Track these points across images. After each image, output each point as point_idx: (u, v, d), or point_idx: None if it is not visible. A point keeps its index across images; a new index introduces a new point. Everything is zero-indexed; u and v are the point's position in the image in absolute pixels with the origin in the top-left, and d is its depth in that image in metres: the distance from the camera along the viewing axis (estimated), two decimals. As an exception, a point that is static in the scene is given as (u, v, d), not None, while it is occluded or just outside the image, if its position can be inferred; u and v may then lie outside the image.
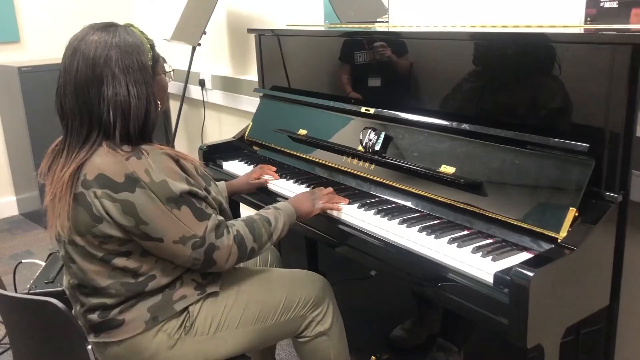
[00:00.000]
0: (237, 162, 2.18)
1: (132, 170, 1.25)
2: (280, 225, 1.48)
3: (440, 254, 1.33)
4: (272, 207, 1.53)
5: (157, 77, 1.38)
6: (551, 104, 1.40)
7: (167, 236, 1.28)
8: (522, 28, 1.58)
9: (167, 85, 1.45)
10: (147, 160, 1.26)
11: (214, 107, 3.47)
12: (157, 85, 1.38)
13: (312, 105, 2.07)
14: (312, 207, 1.60)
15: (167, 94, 1.45)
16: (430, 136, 1.63)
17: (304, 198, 1.62)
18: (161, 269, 1.36)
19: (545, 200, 1.32)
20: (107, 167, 1.25)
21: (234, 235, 1.36)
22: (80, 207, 1.27)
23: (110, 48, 1.27)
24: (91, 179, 1.26)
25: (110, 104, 1.27)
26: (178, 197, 1.27)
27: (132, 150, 1.27)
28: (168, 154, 1.31)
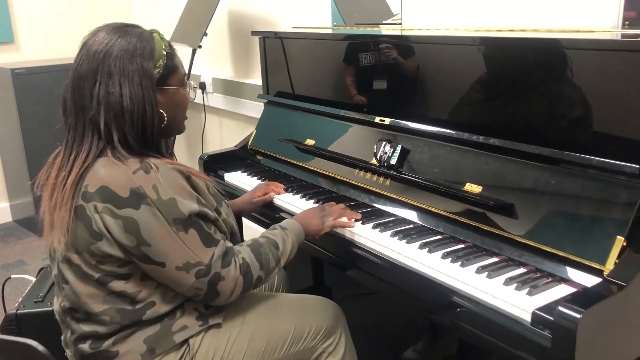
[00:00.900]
0: (239, 172, 2.04)
1: (138, 184, 1.14)
2: (288, 248, 1.35)
3: (468, 286, 1.19)
4: (278, 228, 1.40)
5: (168, 88, 1.26)
6: (591, 118, 1.26)
7: (170, 261, 1.16)
8: (556, 33, 1.44)
9: (183, 100, 1.33)
10: (156, 175, 1.15)
11: (215, 111, 3.33)
12: (165, 97, 1.26)
13: (320, 114, 1.93)
14: (321, 224, 1.46)
15: (183, 110, 1.34)
16: (452, 150, 1.48)
17: (312, 214, 1.48)
18: (161, 296, 1.23)
19: (587, 227, 1.18)
20: (112, 180, 1.15)
21: (240, 264, 1.24)
22: (79, 221, 1.17)
23: (114, 45, 1.20)
24: (93, 191, 1.15)
25: (102, 103, 1.18)
26: (186, 218, 1.16)
27: (139, 163, 1.16)
28: (179, 169, 1.20)
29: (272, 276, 1.32)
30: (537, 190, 1.28)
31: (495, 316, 1.13)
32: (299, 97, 2.10)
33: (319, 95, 2.02)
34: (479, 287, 1.18)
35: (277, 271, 1.33)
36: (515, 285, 1.16)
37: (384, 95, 1.77)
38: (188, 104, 1.34)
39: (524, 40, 1.40)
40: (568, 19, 1.55)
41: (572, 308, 0.98)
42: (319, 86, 2.06)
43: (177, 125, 1.32)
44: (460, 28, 1.73)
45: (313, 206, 1.66)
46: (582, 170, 1.21)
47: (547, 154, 1.26)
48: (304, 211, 1.53)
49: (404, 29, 1.92)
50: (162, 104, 1.25)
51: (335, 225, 1.48)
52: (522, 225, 1.27)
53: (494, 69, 1.46)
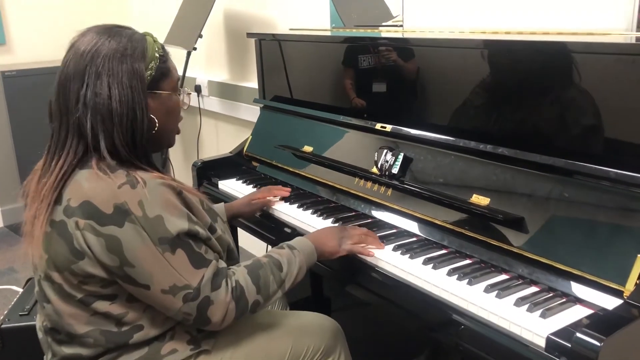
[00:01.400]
0: (234, 180, 1.96)
1: (123, 200, 1.06)
2: (294, 270, 1.24)
3: (476, 307, 1.11)
4: (286, 247, 1.28)
5: (160, 92, 1.19)
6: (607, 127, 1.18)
7: (155, 283, 1.07)
8: (567, 36, 1.37)
9: (176, 107, 1.24)
10: (143, 191, 1.07)
11: (211, 114, 3.25)
12: (156, 102, 1.18)
13: (318, 119, 1.85)
14: (337, 246, 1.33)
15: (175, 119, 1.26)
16: (458, 160, 1.40)
17: (329, 235, 1.35)
18: (150, 319, 1.15)
19: (604, 244, 1.10)
20: (95, 194, 1.07)
21: (232, 287, 1.13)
22: (60, 238, 1.09)
23: (103, 45, 1.12)
24: (75, 206, 1.07)
25: (89, 105, 1.10)
26: (174, 238, 1.07)
27: (126, 177, 1.08)
28: (169, 184, 1.11)
29: (274, 300, 1.21)
30: (549, 203, 1.20)
31: (505, 340, 1.05)
32: (296, 102, 2.02)
33: (317, 99, 1.94)
34: (488, 308, 1.10)
35: (280, 295, 1.22)
36: (527, 306, 1.08)
37: (385, 100, 1.69)
38: (180, 112, 1.25)
39: (534, 43, 1.32)
40: (578, 21, 1.47)
41: (592, 335, 0.90)
42: (317, 90, 1.98)
43: (167, 135, 1.23)
44: (466, 30, 1.65)
45: (312, 216, 1.59)
46: (598, 183, 1.14)
47: (561, 165, 1.18)
48: (320, 230, 1.40)
49: (406, 31, 1.85)
50: (153, 109, 1.17)
51: (354, 250, 1.34)
52: (533, 241, 1.20)
53: (501, 73, 1.38)
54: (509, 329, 1.05)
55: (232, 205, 1.63)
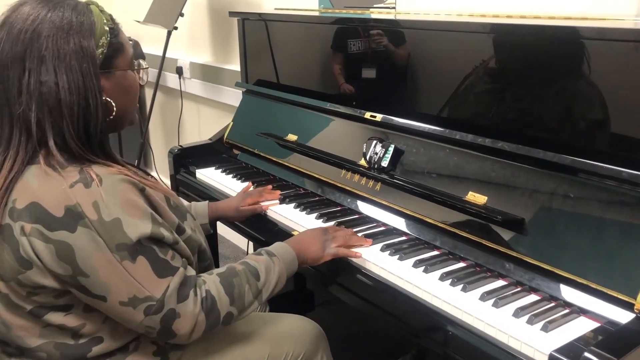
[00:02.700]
0: (212, 169, 1.84)
1: (75, 201, 0.92)
2: (273, 280, 1.12)
3: (471, 317, 1.01)
4: (264, 253, 1.16)
5: (116, 71, 1.04)
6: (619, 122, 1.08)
7: (113, 295, 0.95)
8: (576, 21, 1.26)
9: (134, 85, 1.10)
10: (98, 190, 0.93)
11: (193, 97, 3.12)
12: (112, 82, 1.04)
13: (304, 106, 1.74)
14: (321, 251, 1.22)
15: (134, 97, 1.12)
16: (453, 154, 1.30)
17: (312, 239, 1.23)
18: (110, 330, 1.03)
19: (613, 250, 1.00)
20: (43, 195, 0.93)
21: (202, 298, 1.01)
22: (5, 244, 0.95)
23: (42, 22, 0.96)
24: (21, 208, 0.94)
25: (33, 96, 0.95)
26: (134, 244, 0.94)
27: (79, 174, 0.94)
28: (130, 181, 0.97)
29: (250, 312, 1.10)
30: (552, 204, 1.10)
31: (502, 355, 0.95)
32: (281, 87, 1.90)
33: (303, 85, 1.82)
34: (484, 319, 1.00)
35: (257, 306, 1.11)
36: (527, 317, 0.99)
37: (375, 88, 1.58)
38: (139, 89, 1.12)
39: (540, 27, 1.21)
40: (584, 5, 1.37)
41: (602, 356, 0.81)
42: (303, 75, 1.86)
43: (127, 116, 1.10)
44: (464, 13, 1.54)
45: (294, 210, 1.48)
46: (608, 183, 1.04)
47: (567, 162, 1.08)
48: (301, 234, 1.29)
49: (399, 13, 1.73)
50: (108, 91, 1.03)
51: (339, 254, 1.24)
52: (534, 244, 1.10)
53: (502, 61, 1.27)
54: (507, 343, 0.96)
55: (218, 208, 1.48)
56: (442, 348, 1.05)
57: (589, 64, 1.12)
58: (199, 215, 1.43)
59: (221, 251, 2.91)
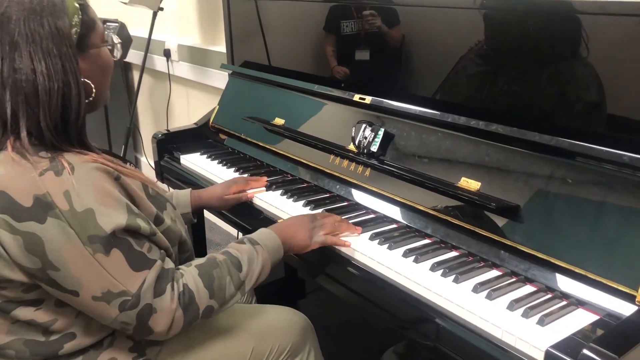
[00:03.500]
0: (197, 155, 1.77)
1: (45, 190, 0.86)
2: (256, 270, 1.06)
3: (464, 310, 0.96)
4: (247, 241, 1.09)
5: (91, 50, 0.98)
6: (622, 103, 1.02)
7: (85, 289, 0.89)
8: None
9: (109, 61, 1.04)
10: (70, 178, 0.88)
11: (181, 81, 3.04)
12: (88, 62, 0.98)
13: (291, 88, 1.67)
14: (308, 239, 1.16)
15: (109, 74, 1.06)
16: (445, 137, 1.24)
17: (298, 226, 1.18)
18: (84, 326, 0.98)
19: (612, 239, 0.95)
20: (11, 183, 0.87)
21: (180, 292, 0.96)
22: None
23: (10, 5, 0.90)
24: None
25: (7, 84, 0.89)
26: (108, 236, 0.88)
27: (49, 161, 0.88)
28: (105, 169, 0.91)
29: (232, 304, 1.04)
30: (549, 190, 1.04)
31: (495, 351, 0.90)
32: (268, 69, 1.83)
33: (291, 66, 1.75)
34: (477, 312, 0.94)
35: (239, 298, 1.05)
36: (522, 310, 0.93)
37: (367, 70, 1.51)
38: (113, 65, 1.06)
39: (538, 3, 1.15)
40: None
41: (602, 354, 0.76)
42: (291, 56, 1.79)
43: (103, 95, 1.03)
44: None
45: (281, 198, 1.42)
46: (608, 168, 0.98)
47: (565, 146, 1.02)
48: (287, 220, 1.23)
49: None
50: (86, 72, 0.97)
51: (327, 242, 1.18)
52: (530, 233, 1.04)
53: (498, 39, 1.21)
54: (501, 337, 0.90)
55: (201, 196, 1.42)
56: (433, 342, 1.00)
57: (588, 41, 1.05)
58: (180, 204, 1.37)
59: (211, 238, 2.86)
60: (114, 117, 3.27)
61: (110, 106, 3.23)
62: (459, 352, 0.95)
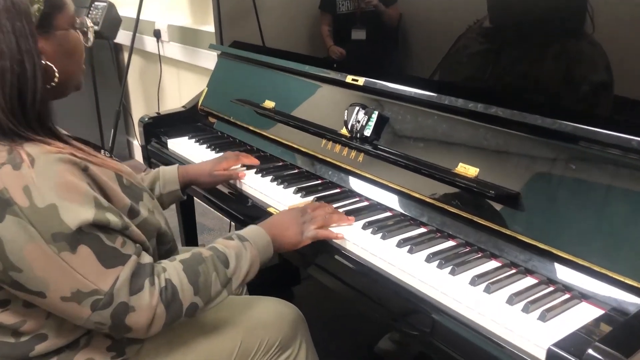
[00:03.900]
0: (185, 139, 1.71)
1: (2, 186, 0.80)
2: (244, 267, 1.01)
3: (461, 305, 0.91)
4: (236, 237, 1.04)
5: (57, 32, 0.91)
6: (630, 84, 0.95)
7: (52, 290, 0.83)
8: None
9: (78, 46, 0.96)
10: (30, 172, 0.81)
11: (173, 62, 2.96)
12: (52, 44, 0.91)
13: (282, 70, 1.60)
14: (299, 234, 1.11)
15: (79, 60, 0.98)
16: (442, 121, 1.18)
17: (288, 221, 1.12)
18: (56, 327, 0.92)
19: (618, 229, 0.89)
20: None
21: (162, 288, 0.90)
22: None
23: None
24: None
25: None
26: (73, 233, 0.81)
27: (7, 153, 0.82)
28: (70, 159, 0.84)
29: (218, 302, 0.98)
30: (552, 177, 0.99)
31: (493, 348, 0.85)
32: (258, 49, 1.75)
33: (283, 47, 1.68)
34: (475, 307, 0.89)
35: (226, 296, 0.99)
36: (522, 304, 0.88)
37: (362, 49, 1.44)
38: (84, 50, 0.98)
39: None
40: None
41: (609, 354, 0.71)
42: (284, 36, 1.72)
43: (72, 81, 0.96)
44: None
45: (271, 184, 1.36)
46: (615, 154, 0.92)
47: (568, 130, 0.96)
48: (276, 216, 1.15)
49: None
50: (48, 53, 0.90)
51: (319, 237, 1.12)
52: (530, 222, 0.99)
53: (499, 15, 1.14)
54: (499, 334, 0.85)
55: (188, 171, 1.35)
56: (428, 337, 0.95)
57: (594, 18, 0.99)
58: (168, 182, 1.30)
59: (205, 222, 2.81)
60: (105, 100, 3.19)
61: (100, 89, 3.15)
62: (455, 348, 0.90)
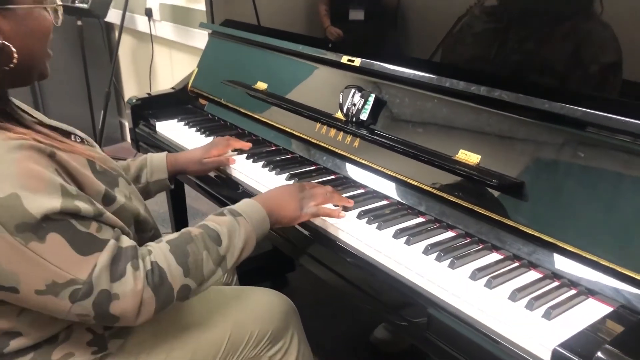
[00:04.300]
0: (175, 122, 1.65)
1: None
2: (239, 243, 0.95)
3: (460, 300, 0.86)
4: (227, 213, 0.98)
5: (15, 8, 0.83)
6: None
7: (24, 284, 0.77)
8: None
9: (43, 26, 0.87)
10: None
11: (165, 42, 2.88)
12: (11, 21, 0.82)
13: (275, 49, 1.53)
14: (298, 210, 1.06)
15: (42, 42, 0.87)
16: (443, 104, 1.12)
17: (287, 195, 1.07)
18: (29, 322, 0.86)
19: (628, 222, 0.84)
20: None
21: (148, 270, 0.84)
22: None
23: None
24: None
25: None
26: (39, 222, 0.75)
27: None
28: (33, 145, 0.78)
29: (212, 282, 0.93)
30: (558, 165, 0.93)
31: (494, 348, 0.80)
32: (251, 28, 1.68)
33: (275, 25, 1.61)
34: (475, 303, 0.84)
35: (221, 275, 0.94)
36: (526, 300, 0.83)
37: (359, 29, 1.37)
38: (51, 31, 0.91)
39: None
40: None
41: (619, 357, 0.66)
42: (277, 14, 1.65)
43: (34, 66, 0.88)
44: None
45: (262, 170, 1.30)
46: (626, 141, 0.86)
47: (577, 115, 0.90)
48: (273, 189, 1.10)
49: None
50: (7, 32, 0.82)
51: (319, 214, 1.07)
52: (534, 213, 0.93)
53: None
54: (501, 332, 0.81)
55: (177, 159, 1.29)
56: (424, 333, 0.90)
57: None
58: (156, 170, 1.25)
59: (197, 207, 2.76)
60: (95, 81, 3.11)
61: (90, 69, 3.07)
62: (453, 345, 0.86)
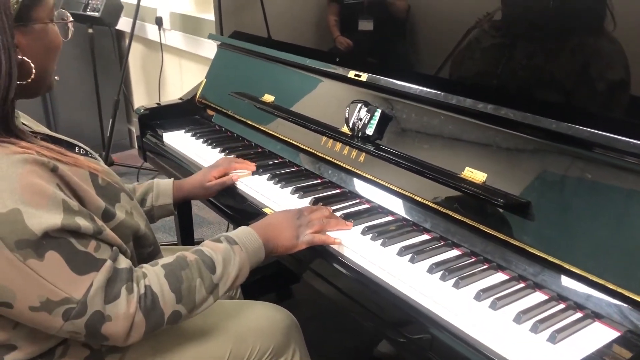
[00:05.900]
0: (182, 132, 1.65)
1: None
2: (232, 272, 0.94)
3: (464, 322, 0.85)
4: (224, 240, 0.98)
5: (35, 25, 0.85)
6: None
7: (19, 300, 0.78)
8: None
9: (56, 40, 0.90)
10: None
11: (175, 51, 2.90)
12: (30, 38, 0.85)
13: (282, 62, 1.53)
14: (295, 239, 1.04)
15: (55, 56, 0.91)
16: (449, 121, 1.11)
17: (284, 223, 1.06)
18: (25, 335, 0.86)
19: (635, 244, 0.82)
20: None
21: (141, 294, 0.84)
22: None
23: None
24: None
25: None
26: (39, 239, 0.75)
27: None
28: (36, 160, 0.78)
29: (203, 309, 0.93)
30: (565, 185, 0.92)
31: (499, 369, 0.79)
32: (259, 40, 1.69)
33: (285, 38, 1.61)
34: (478, 324, 0.83)
35: (212, 302, 0.93)
36: (531, 323, 0.82)
37: (366, 40, 1.37)
38: (61, 46, 0.92)
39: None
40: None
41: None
42: (286, 27, 1.65)
43: (47, 79, 0.90)
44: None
45: (267, 183, 1.30)
46: (634, 162, 0.85)
47: (585, 135, 0.89)
48: (271, 217, 1.09)
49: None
50: (25, 48, 0.83)
51: (315, 242, 1.06)
52: (541, 233, 0.92)
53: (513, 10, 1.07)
54: (505, 355, 0.79)
55: (183, 186, 1.29)
56: (427, 353, 0.88)
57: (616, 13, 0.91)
58: (162, 194, 1.25)
59: (204, 216, 2.76)
60: (105, 88, 3.13)
61: (101, 77, 3.09)
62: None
